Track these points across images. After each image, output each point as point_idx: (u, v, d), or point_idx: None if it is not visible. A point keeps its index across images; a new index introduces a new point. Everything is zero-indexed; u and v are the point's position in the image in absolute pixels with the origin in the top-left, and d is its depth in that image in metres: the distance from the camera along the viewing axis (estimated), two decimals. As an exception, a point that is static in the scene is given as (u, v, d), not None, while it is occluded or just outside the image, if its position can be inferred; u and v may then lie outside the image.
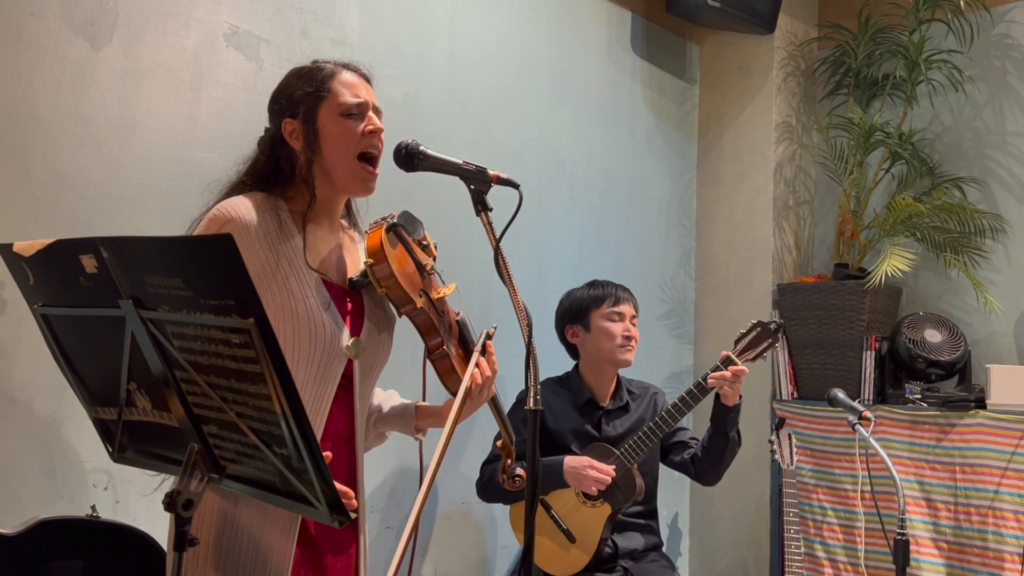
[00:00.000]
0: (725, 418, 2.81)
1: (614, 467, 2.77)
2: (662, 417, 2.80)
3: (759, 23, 3.86)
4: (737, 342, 2.85)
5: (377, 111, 1.77)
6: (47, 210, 2.18)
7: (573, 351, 3.04)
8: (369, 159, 1.74)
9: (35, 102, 2.17)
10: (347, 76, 1.75)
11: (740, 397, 2.80)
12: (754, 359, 2.83)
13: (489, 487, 2.82)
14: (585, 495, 2.81)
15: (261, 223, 1.64)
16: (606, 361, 2.93)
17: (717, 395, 2.80)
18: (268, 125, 1.78)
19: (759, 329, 2.83)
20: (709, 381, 2.75)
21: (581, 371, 3.00)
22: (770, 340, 2.82)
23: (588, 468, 2.73)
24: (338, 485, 1.32)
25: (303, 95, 1.72)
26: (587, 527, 2.82)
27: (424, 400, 1.88)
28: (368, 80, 1.80)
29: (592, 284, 3.01)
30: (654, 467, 3.00)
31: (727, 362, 2.78)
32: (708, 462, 2.90)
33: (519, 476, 1.83)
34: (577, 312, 2.97)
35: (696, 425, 2.98)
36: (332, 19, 2.79)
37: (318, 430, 1.65)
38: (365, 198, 1.85)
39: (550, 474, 2.78)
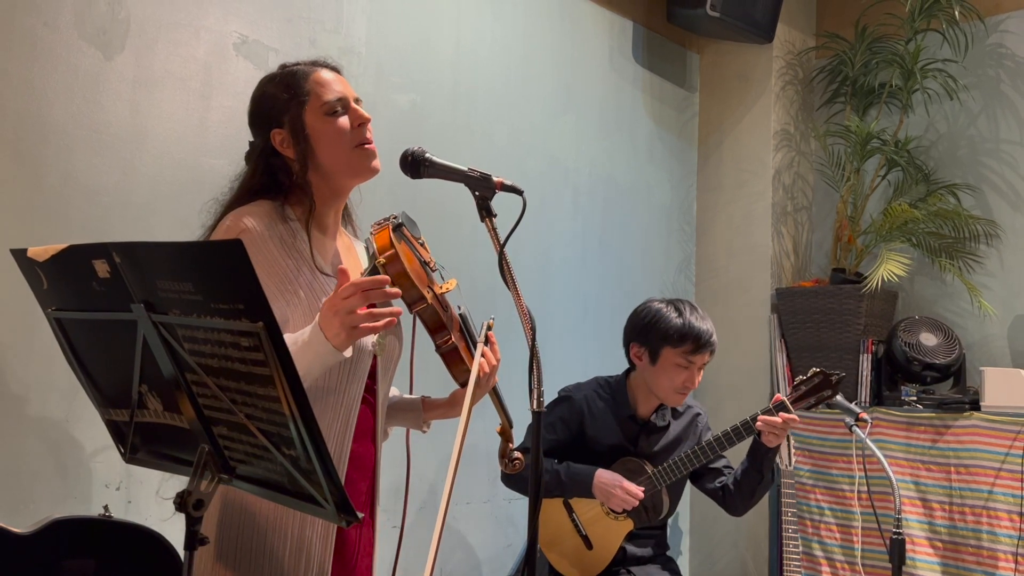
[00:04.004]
0: (763, 457, 2.71)
1: (643, 489, 2.73)
2: (702, 448, 2.75)
3: (758, 32, 3.88)
4: (795, 388, 2.73)
5: (358, 101, 1.76)
6: (60, 216, 2.21)
7: (631, 360, 2.90)
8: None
9: (48, 110, 2.20)
10: (322, 74, 1.74)
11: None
12: (808, 409, 2.73)
13: (514, 476, 2.71)
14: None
15: (276, 231, 1.66)
16: (654, 394, 2.84)
17: (758, 432, 2.69)
18: (252, 139, 1.77)
19: (820, 379, 2.70)
20: (757, 424, 2.64)
21: (631, 384, 2.89)
22: (829, 392, 2.68)
23: (618, 488, 2.70)
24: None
25: (283, 102, 1.71)
26: (606, 538, 2.82)
27: (412, 393, 1.90)
28: (340, 73, 1.79)
29: (680, 310, 2.76)
30: (681, 486, 2.95)
31: (780, 407, 2.64)
32: (739, 495, 2.82)
33: (518, 459, 1.87)
34: (652, 339, 2.77)
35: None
36: (340, 29, 2.82)
37: (351, 428, 1.68)
38: (367, 204, 1.88)
39: (579, 483, 2.74)
